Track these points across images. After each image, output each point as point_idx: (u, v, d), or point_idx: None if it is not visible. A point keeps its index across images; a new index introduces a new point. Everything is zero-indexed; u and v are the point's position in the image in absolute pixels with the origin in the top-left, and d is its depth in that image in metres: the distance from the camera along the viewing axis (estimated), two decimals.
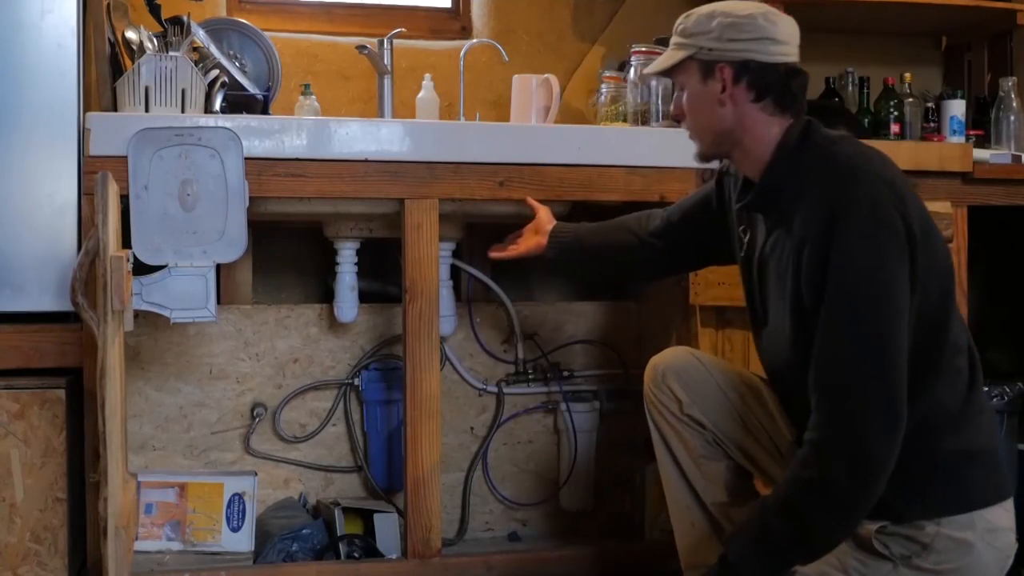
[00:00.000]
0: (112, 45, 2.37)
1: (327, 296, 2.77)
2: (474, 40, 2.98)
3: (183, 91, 2.29)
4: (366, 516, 2.54)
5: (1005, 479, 1.68)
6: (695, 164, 2.44)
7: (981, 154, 2.64)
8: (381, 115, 2.77)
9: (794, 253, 1.65)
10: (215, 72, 2.41)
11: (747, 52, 1.70)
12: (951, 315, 1.66)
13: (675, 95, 1.84)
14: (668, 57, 1.80)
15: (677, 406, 1.96)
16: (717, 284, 2.33)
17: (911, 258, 1.58)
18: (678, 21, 1.80)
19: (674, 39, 1.79)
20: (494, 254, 2.35)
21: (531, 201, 2.32)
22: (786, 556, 1.62)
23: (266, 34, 2.72)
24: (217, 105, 2.37)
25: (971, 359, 1.70)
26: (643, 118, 2.67)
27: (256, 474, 2.56)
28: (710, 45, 1.72)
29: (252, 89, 2.53)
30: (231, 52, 2.62)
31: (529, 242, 2.29)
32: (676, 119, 1.86)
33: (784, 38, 1.71)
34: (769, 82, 1.71)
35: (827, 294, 1.58)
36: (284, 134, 2.26)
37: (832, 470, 1.55)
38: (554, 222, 2.27)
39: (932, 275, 1.62)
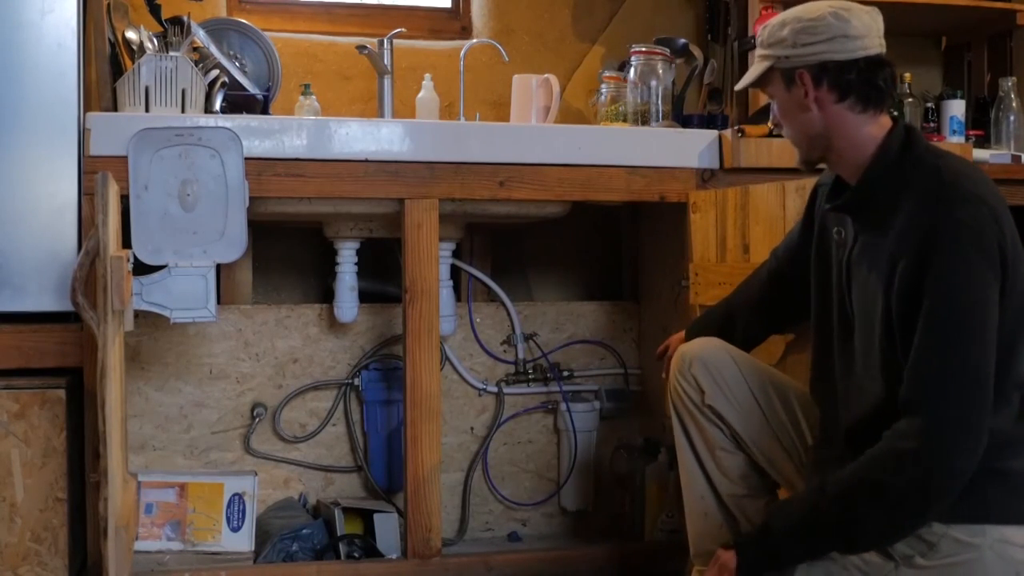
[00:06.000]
0: (112, 45, 2.37)
1: (327, 296, 2.77)
2: (474, 40, 2.98)
3: (183, 91, 2.29)
4: (366, 516, 2.54)
5: None
6: (695, 164, 2.48)
7: (981, 154, 2.63)
8: (381, 115, 2.76)
9: (888, 265, 1.64)
10: (215, 72, 2.41)
11: (823, 54, 1.70)
12: (1017, 347, 1.65)
13: (771, 106, 1.85)
14: (753, 71, 1.82)
15: (699, 396, 1.95)
16: (718, 284, 2.32)
17: (1001, 288, 1.59)
18: (758, 33, 1.81)
19: (757, 52, 1.81)
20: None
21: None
22: (828, 541, 1.64)
23: (266, 34, 2.72)
24: (217, 105, 2.37)
25: None
26: (643, 118, 2.66)
27: (256, 474, 2.56)
28: (786, 53, 1.73)
29: (252, 89, 2.53)
30: (231, 52, 2.62)
31: None
32: (776, 127, 1.87)
33: (859, 32, 1.70)
34: (850, 80, 1.70)
35: (923, 314, 1.58)
36: (284, 134, 2.26)
37: (906, 480, 1.56)
38: None
39: (1009, 307, 1.62)
